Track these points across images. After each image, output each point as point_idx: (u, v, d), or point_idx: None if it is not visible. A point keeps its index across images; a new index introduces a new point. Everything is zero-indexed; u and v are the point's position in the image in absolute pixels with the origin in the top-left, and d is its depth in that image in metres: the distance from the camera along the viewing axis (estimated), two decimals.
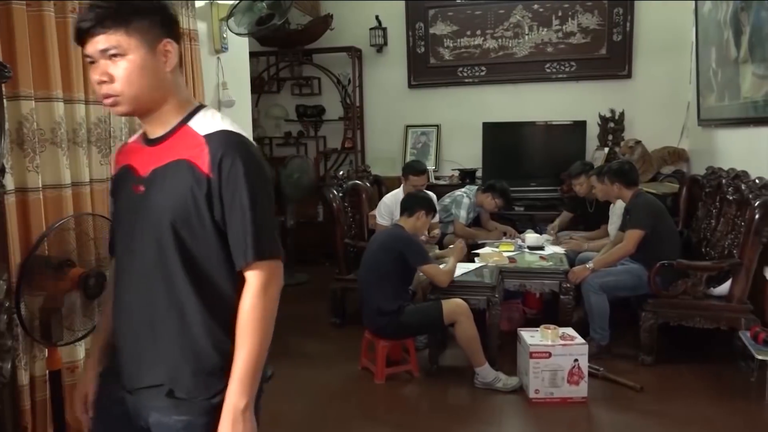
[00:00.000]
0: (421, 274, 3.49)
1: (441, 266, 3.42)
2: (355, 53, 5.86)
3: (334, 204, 4.22)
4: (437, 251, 3.96)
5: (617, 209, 4.11)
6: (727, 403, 3.01)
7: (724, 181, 3.91)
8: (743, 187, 3.59)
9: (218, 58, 3.77)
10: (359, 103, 6.03)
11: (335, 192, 4.30)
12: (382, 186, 5.33)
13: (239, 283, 1.30)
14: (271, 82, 6.23)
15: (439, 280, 3.32)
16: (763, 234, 3.30)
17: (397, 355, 3.51)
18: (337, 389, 3.30)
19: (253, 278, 1.29)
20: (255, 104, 5.94)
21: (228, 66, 3.84)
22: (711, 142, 4.67)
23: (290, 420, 2.96)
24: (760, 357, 2.98)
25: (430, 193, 3.99)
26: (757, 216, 3.28)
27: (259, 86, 6.00)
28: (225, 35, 3.76)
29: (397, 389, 3.28)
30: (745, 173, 3.75)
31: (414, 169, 4.33)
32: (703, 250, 3.95)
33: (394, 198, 4.31)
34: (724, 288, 3.46)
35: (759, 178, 3.54)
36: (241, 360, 1.28)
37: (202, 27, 3.56)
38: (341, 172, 4.70)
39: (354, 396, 3.23)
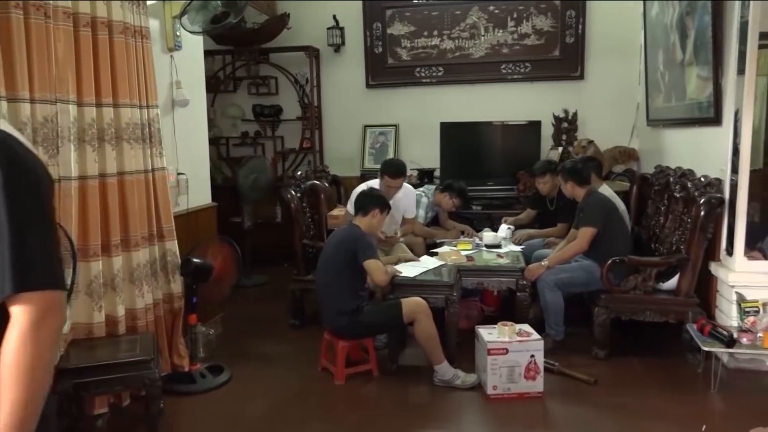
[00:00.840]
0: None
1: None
2: (312, 53, 5.85)
3: (292, 204, 4.20)
4: (397, 255, 3.97)
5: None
6: (676, 394, 3.12)
7: (671, 179, 4.06)
8: (689, 185, 3.74)
9: (171, 56, 3.71)
10: (317, 103, 6.02)
11: (293, 192, 4.28)
12: (341, 186, 5.33)
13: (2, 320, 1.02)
14: (228, 81, 6.16)
15: (376, 277, 3.30)
16: (708, 230, 3.44)
17: (356, 356, 3.52)
18: (297, 391, 3.29)
19: (19, 314, 1.00)
20: (211, 104, 5.87)
21: (182, 65, 3.78)
22: (659, 141, 4.84)
23: (249, 422, 2.94)
24: (705, 348, 3.10)
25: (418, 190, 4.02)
26: (702, 213, 3.43)
27: (214, 85, 5.93)
28: (178, 33, 3.70)
29: (357, 389, 3.29)
30: (691, 172, 3.91)
31: (389, 170, 4.17)
32: (652, 246, 4.09)
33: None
34: (672, 283, 3.60)
35: (704, 176, 3.69)
36: (1, 423, 0.98)
37: (154, 24, 3.49)
38: (299, 173, 4.68)
39: (314, 397, 3.22)
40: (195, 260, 3.26)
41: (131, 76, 3.08)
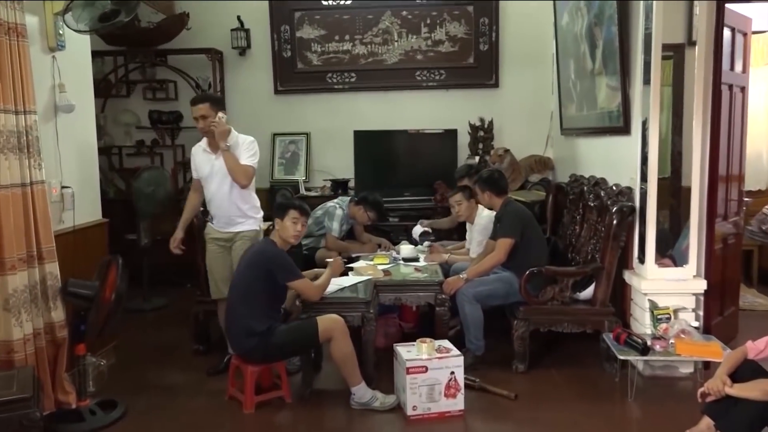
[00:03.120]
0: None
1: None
2: (215, 55, 5.72)
3: (195, 219, 4.06)
4: (314, 270, 3.92)
5: (477, 226, 4.33)
6: (595, 405, 3.26)
7: (585, 188, 4.27)
8: (602, 193, 3.95)
9: (53, 57, 3.50)
10: None
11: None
12: None
13: None
14: (120, 85, 5.93)
15: (309, 295, 3.32)
16: (620, 239, 3.64)
17: (267, 382, 3.44)
18: (203, 423, 3.17)
19: None
20: (101, 109, 5.62)
21: (66, 66, 3.58)
22: (573, 150, 5.08)
23: None
24: (621, 357, 3.27)
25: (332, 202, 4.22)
26: (614, 222, 3.62)
27: (105, 89, 5.69)
28: (61, 32, 3.50)
29: (268, 418, 3.21)
30: (604, 180, 4.12)
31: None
32: (569, 255, 4.26)
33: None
34: (588, 292, 3.76)
35: (616, 185, 3.91)
36: None
37: (32, 21, 3.29)
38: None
39: (221, 429, 3.11)
40: (80, 283, 3.08)
41: (4, 78, 2.88)
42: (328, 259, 3.74)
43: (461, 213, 4.39)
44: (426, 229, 4.76)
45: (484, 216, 4.29)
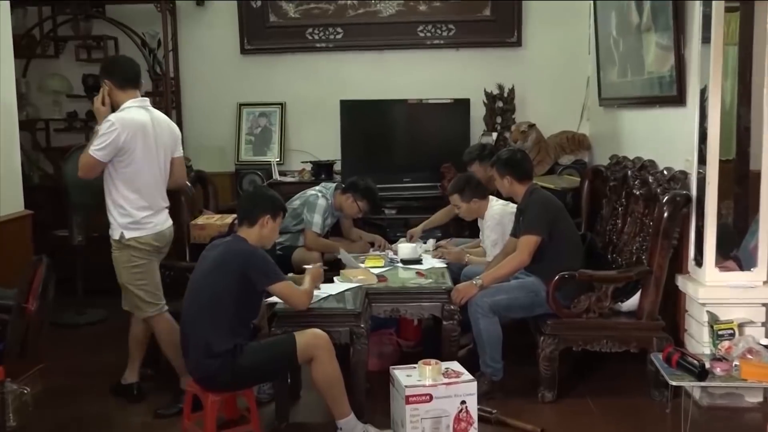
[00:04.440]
0: (268, 300, 3.48)
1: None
2: (165, 5, 5.72)
3: None
4: (291, 276, 3.93)
5: (488, 222, 4.35)
6: None
7: (629, 172, 4.28)
8: (651, 179, 3.96)
9: None
10: (174, 74, 5.91)
11: None
12: (209, 186, 5.22)
13: None
14: (46, 42, 5.92)
15: (295, 302, 3.31)
16: (672, 235, 3.66)
17: (232, 413, 3.44)
18: None
19: None
20: (22, 73, 5.62)
21: None
22: (614, 125, 5.10)
23: None
24: (674, 383, 3.27)
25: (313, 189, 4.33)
26: (665, 214, 3.63)
27: (27, 48, 5.68)
28: None
29: None
30: (652, 163, 4.14)
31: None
32: (609, 256, 4.28)
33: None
34: (632, 302, 3.78)
35: (667, 168, 3.93)
36: None
37: None
38: None
39: None
40: None
41: None
42: (307, 266, 3.74)
43: (464, 215, 4.45)
44: (419, 244, 4.73)
45: (496, 209, 4.31)
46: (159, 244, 3.70)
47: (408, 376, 3.24)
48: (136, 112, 3.64)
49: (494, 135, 5.62)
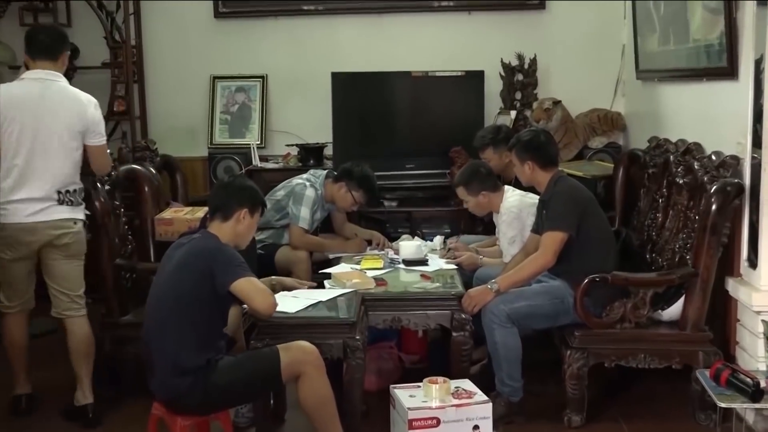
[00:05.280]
0: (246, 307, 3.45)
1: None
2: None
3: (97, 203, 4.06)
4: (273, 278, 3.90)
5: (504, 215, 4.30)
6: None
7: (672, 157, 4.26)
8: (696, 165, 3.94)
9: None
10: (136, 41, 5.90)
11: (97, 185, 4.14)
12: (177, 173, 5.21)
13: None
14: None
15: (257, 303, 3.22)
16: (722, 232, 3.64)
17: None
18: None
19: None
20: None
21: None
22: (654, 102, 5.08)
23: None
24: (723, 405, 3.26)
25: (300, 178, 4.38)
26: (713, 207, 3.61)
27: None
28: None
29: None
30: (698, 146, 4.11)
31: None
32: (648, 256, 4.28)
33: None
34: (675, 310, 3.77)
35: (716, 152, 3.90)
36: None
37: None
38: (107, 152, 4.53)
39: None
40: None
41: None
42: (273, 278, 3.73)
43: (474, 211, 4.45)
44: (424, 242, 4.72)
45: (513, 201, 4.28)
46: (27, 238, 3.72)
47: (411, 397, 3.24)
48: (20, 85, 3.74)
49: (512, 114, 5.61)
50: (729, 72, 3.84)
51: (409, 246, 4.46)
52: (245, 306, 3.45)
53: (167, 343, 3.18)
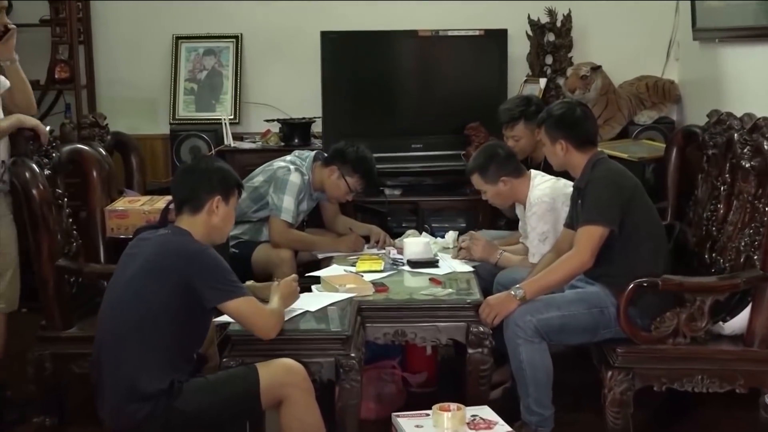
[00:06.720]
0: (219, 320, 3.51)
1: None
2: None
3: (35, 191, 4.09)
4: (251, 283, 3.92)
5: (534, 206, 4.24)
6: None
7: (736, 136, 4.27)
8: (766, 145, 3.96)
9: None
10: None
11: (35, 168, 4.17)
12: (132, 155, 5.23)
13: None
14: None
15: (260, 327, 3.30)
16: None
17: None
18: None
19: None
20: None
21: None
22: (716, 68, 5.10)
23: None
24: None
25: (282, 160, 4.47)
26: None
27: None
28: None
29: None
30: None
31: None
32: (707, 256, 4.27)
33: None
34: (739, 322, 3.79)
35: None
36: None
37: None
38: (48, 129, 4.56)
39: None
40: None
41: None
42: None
43: (494, 201, 4.46)
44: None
45: (544, 189, 4.24)
46: None
47: (418, 428, 3.27)
48: None
49: (542, 82, 5.63)
50: None
51: (415, 244, 4.48)
52: (217, 319, 3.50)
53: (125, 362, 3.19)
